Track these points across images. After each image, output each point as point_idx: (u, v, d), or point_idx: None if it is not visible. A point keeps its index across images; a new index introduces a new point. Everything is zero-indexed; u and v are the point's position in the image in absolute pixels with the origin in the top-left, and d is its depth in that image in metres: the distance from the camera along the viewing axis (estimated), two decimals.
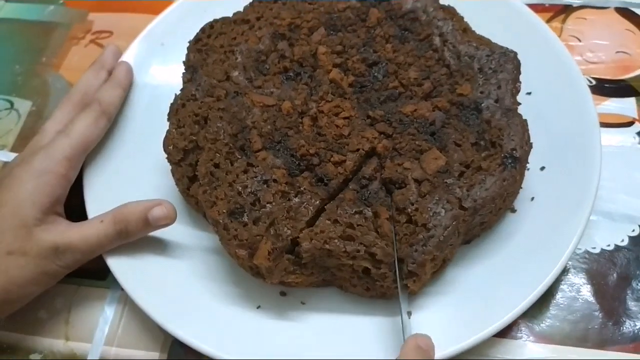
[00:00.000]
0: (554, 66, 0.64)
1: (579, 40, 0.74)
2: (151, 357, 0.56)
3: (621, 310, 0.56)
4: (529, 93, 0.63)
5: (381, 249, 0.49)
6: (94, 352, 0.57)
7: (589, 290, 0.57)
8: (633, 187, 0.62)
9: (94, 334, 0.58)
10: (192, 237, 0.59)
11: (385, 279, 0.51)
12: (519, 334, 0.55)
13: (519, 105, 0.57)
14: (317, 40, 0.62)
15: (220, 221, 0.51)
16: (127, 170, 0.62)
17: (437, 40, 0.61)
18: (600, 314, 0.56)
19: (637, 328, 0.55)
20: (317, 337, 0.53)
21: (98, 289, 0.60)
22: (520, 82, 0.58)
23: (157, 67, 0.70)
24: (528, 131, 0.55)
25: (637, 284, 0.57)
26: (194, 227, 0.60)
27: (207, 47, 0.63)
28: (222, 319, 0.54)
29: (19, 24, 0.84)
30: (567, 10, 0.77)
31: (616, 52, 0.73)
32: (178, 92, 0.61)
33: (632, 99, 0.69)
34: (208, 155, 0.54)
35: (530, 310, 0.53)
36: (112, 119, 0.63)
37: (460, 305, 0.53)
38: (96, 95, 0.63)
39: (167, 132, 0.57)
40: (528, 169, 0.57)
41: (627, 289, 0.57)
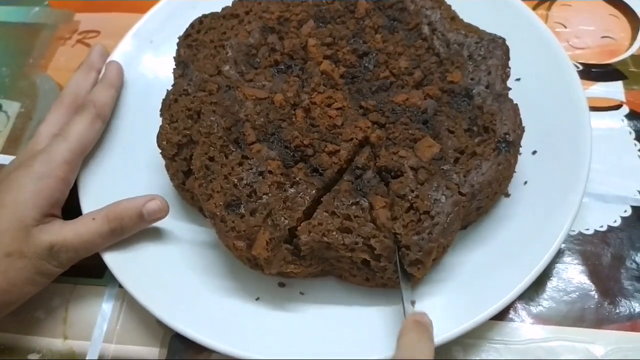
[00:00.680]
0: (541, 52, 0.65)
1: (565, 27, 0.75)
2: (151, 352, 0.56)
3: (616, 289, 0.57)
4: (518, 79, 0.63)
5: (380, 242, 0.50)
6: (93, 349, 0.57)
7: (584, 271, 0.58)
8: (623, 168, 0.63)
9: (92, 331, 0.58)
10: (189, 232, 0.59)
11: (385, 271, 0.51)
12: (516, 316, 0.56)
13: (509, 91, 0.58)
14: (306, 33, 0.62)
15: (218, 213, 0.51)
16: (121, 166, 0.62)
17: (426, 29, 0.62)
18: (596, 294, 0.57)
19: (632, 306, 0.56)
20: (317, 327, 0.53)
21: (95, 286, 0.60)
22: (510, 68, 0.59)
23: (147, 64, 0.70)
24: (520, 115, 0.56)
25: (631, 264, 0.58)
26: (190, 222, 0.60)
27: (197, 43, 0.63)
28: (222, 311, 0.54)
29: (4, 26, 0.83)
30: None
31: (601, 37, 0.74)
32: (169, 87, 0.60)
33: (619, 83, 0.70)
34: (202, 149, 0.54)
35: (527, 293, 0.54)
36: (107, 120, 0.63)
37: (458, 289, 0.53)
38: (90, 97, 0.63)
39: (160, 128, 0.57)
40: (520, 154, 0.57)
41: (621, 268, 0.58)
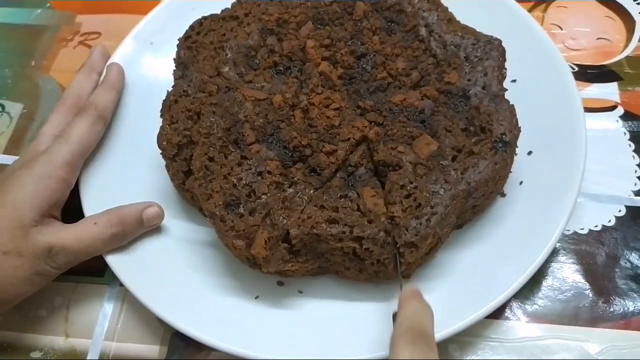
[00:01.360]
0: (537, 54, 0.66)
1: (561, 28, 0.76)
2: (151, 350, 0.57)
3: (611, 288, 0.57)
4: (514, 80, 0.64)
5: (360, 225, 0.50)
6: (94, 347, 0.58)
7: (579, 270, 0.59)
8: (617, 168, 0.64)
9: (93, 330, 0.58)
10: (189, 231, 0.60)
11: (372, 255, 0.51)
12: (512, 315, 0.57)
13: (505, 92, 0.58)
14: (305, 35, 0.63)
15: (217, 213, 0.52)
16: (122, 167, 0.63)
17: (423, 30, 0.62)
18: (591, 293, 0.57)
19: (626, 305, 0.56)
20: (315, 325, 0.54)
21: (96, 285, 0.61)
22: (506, 69, 0.59)
23: (148, 65, 0.70)
24: (516, 116, 0.56)
25: (625, 263, 0.59)
26: (190, 221, 0.61)
27: (197, 44, 0.64)
28: (222, 309, 0.55)
29: (7, 28, 0.84)
30: None
31: (597, 39, 0.74)
32: (170, 89, 0.61)
33: (614, 84, 0.70)
34: (202, 150, 0.55)
35: (522, 291, 0.54)
36: (107, 122, 0.64)
37: (454, 287, 0.54)
38: (91, 99, 0.63)
39: (161, 129, 0.58)
40: (516, 154, 0.58)
41: (616, 267, 0.58)
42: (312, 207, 0.52)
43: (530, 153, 0.60)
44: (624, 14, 0.76)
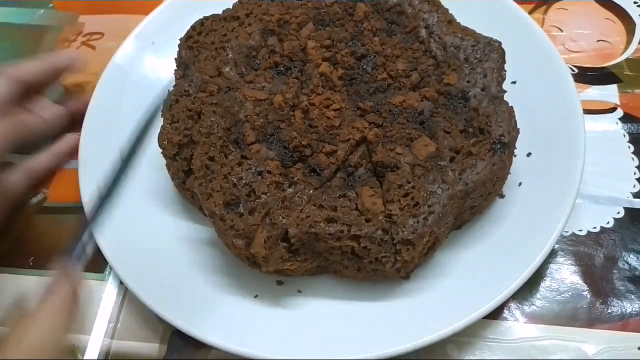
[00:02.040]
0: (537, 56, 0.66)
1: (561, 30, 0.76)
2: (151, 348, 0.57)
3: (608, 289, 0.57)
4: (514, 82, 0.64)
5: (358, 224, 0.51)
6: (94, 345, 0.58)
7: (577, 271, 0.59)
8: (616, 170, 0.64)
9: (92, 327, 0.59)
10: (189, 230, 0.60)
11: (370, 253, 0.51)
12: (510, 315, 0.57)
13: (504, 93, 0.59)
14: (306, 35, 0.63)
15: (217, 212, 0.52)
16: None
17: (423, 32, 0.63)
18: (589, 294, 0.57)
19: (624, 306, 0.56)
20: (314, 324, 0.54)
21: (96, 282, 0.61)
22: (505, 71, 0.60)
23: (149, 65, 0.71)
24: (515, 117, 0.57)
25: (623, 264, 0.59)
26: (190, 220, 0.61)
27: (198, 44, 0.64)
28: (221, 308, 0.55)
29: (10, 28, 0.84)
30: (548, 1, 0.79)
31: (597, 41, 0.74)
32: (171, 88, 0.62)
33: (614, 86, 0.70)
34: (203, 149, 0.56)
35: (520, 292, 0.54)
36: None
37: (453, 288, 0.54)
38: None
39: (162, 128, 0.58)
40: (515, 155, 0.58)
41: (614, 269, 0.58)
42: (311, 207, 0.52)
43: (529, 155, 0.61)
44: (624, 16, 0.76)
